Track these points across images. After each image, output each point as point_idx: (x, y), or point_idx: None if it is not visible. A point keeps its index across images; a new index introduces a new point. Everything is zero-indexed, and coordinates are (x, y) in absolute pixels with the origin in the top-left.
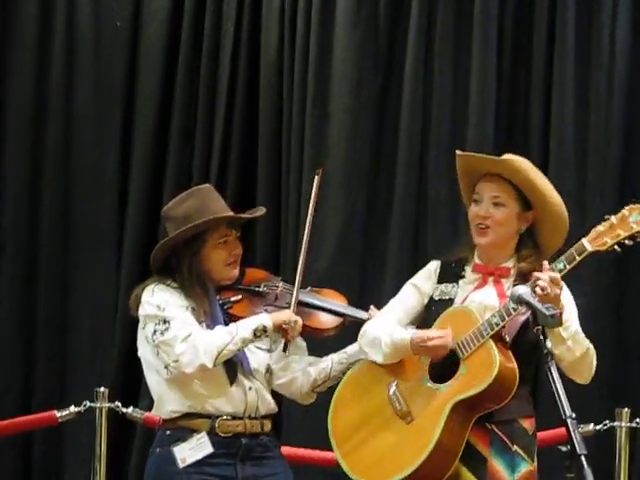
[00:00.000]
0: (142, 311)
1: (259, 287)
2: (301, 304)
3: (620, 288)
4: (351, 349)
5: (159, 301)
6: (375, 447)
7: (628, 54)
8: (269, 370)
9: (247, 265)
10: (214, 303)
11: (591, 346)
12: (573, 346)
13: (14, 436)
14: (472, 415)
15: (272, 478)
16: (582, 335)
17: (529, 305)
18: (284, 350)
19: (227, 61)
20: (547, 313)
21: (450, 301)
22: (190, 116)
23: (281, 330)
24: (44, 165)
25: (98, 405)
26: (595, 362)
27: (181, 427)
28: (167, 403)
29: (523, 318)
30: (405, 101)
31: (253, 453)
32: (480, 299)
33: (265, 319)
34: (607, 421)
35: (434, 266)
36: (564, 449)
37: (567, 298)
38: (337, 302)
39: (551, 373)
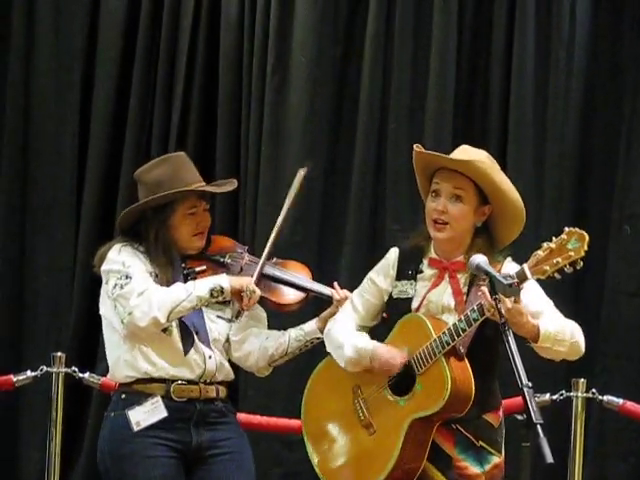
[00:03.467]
0: (106, 266)
1: (224, 258)
2: (265, 277)
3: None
4: (308, 326)
5: (125, 259)
6: (342, 454)
7: (588, 26)
8: (228, 340)
9: (213, 233)
10: (178, 273)
11: (573, 327)
12: (558, 347)
13: None
14: (432, 425)
15: (226, 442)
16: (561, 327)
17: (487, 274)
18: (235, 317)
19: (187, 27)
20: (504, 282)
21: (408, 300)
22: (150, 82)
23: (237, 297)
24: (2, 130)
25: (55, 370)
26: (581, 336)
27: (136, 391)
28: (123, 367)
29: (475, 328)
30: (365, 71)
31: (208, 418)
32: (436, 299)
33: (223, 280)
34: (563, 391)
35: (393, 257)
36: (520, 418)
37: (536, 292)
38: (301, 276)
39: (508, 343)
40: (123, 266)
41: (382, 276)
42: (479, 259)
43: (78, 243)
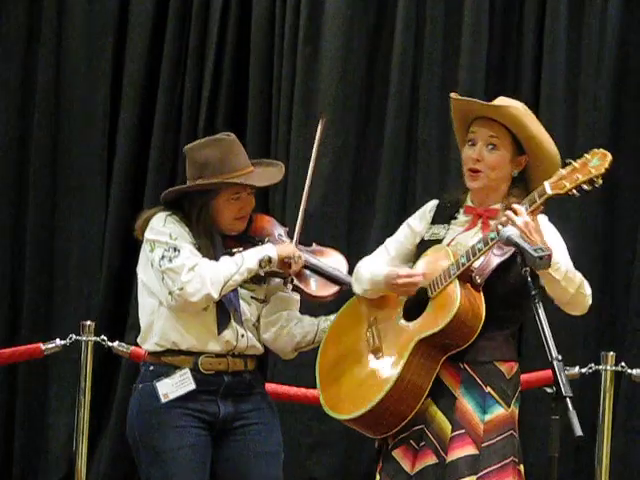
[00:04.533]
0: (151, 235)
1: (262, 242)
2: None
3: (607, 235)
4: None
5: (171, 230)
6: (348, 382)
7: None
8: (258, 320)
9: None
10: (219, 252)
11: (583, 279)
12: (566, 285)
13: None
14: (438, 354)
15: (254, 414)
16: (572, 270)
17: (517, 246)
18: (285, 284)
19: None
20: (535, 255)
21: (438, 242)
22: (182, 52)
23: (284, 264)
24: (35, 97)
25: (84, 338)
26: (590, 292)
27: (164, 363)
28: (154, 334)
29: (498, 260)
30: (397, 40)
31: (235, 390)
32: (465, 241)
33: (271, 250)
34: (592, 364)
35: (430, 206)
36: (550, 391)
37: (554, 236)
38: (338, 266)
39: (538, 315)
40: (170, 237)
41: (418, 219)
42: (510, 231)
43: (109, 211)
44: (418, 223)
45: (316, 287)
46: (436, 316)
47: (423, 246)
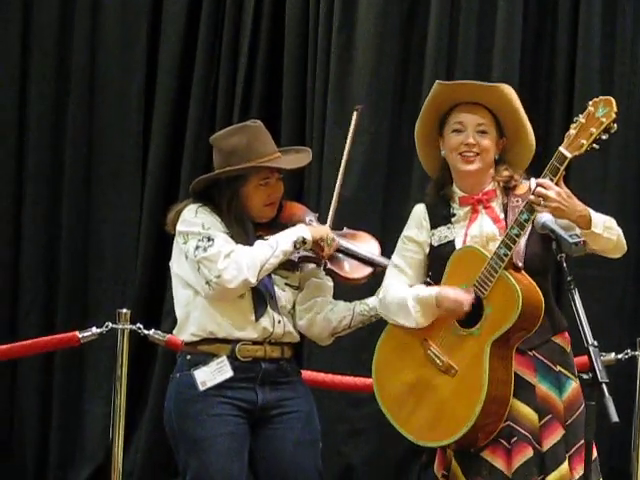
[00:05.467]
0: (183, 227)
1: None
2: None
3: None
4: (372, 301)
5: (203, 220)
6: (428, 409)
7: None
8: (294, 307)
9: (286, 197)
10: (252, 239)
11: (612, 219)
12: (609, 235)
13: (36, 357)
14: (510, 348)
15: (292, 401)
16: (605, 218)
17: (553, 232)
18: (319, 266)
19: None
20: (571, 241)
21: (450, 243)
22: (216, 41)
23: (318, 246)
24: (69, 89)
25: (120, 326)
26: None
27: (201, 352)
28: (190, 325)
29: (524, 239)
30: (431, 25)
31: (273, 378)
32: (478, 232)
33: (304, 231)
34: (628, 350)
35: (421, 210)
36: (586, 377)
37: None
38: (371, 249)
39: (574, 301)
40: (203, 228)
41: (416, 229)
42: (545, 217)
43: (144, 200)
44: (418, 232)
45: (350, 269)
46: (503, 312)
47: (435, 253)
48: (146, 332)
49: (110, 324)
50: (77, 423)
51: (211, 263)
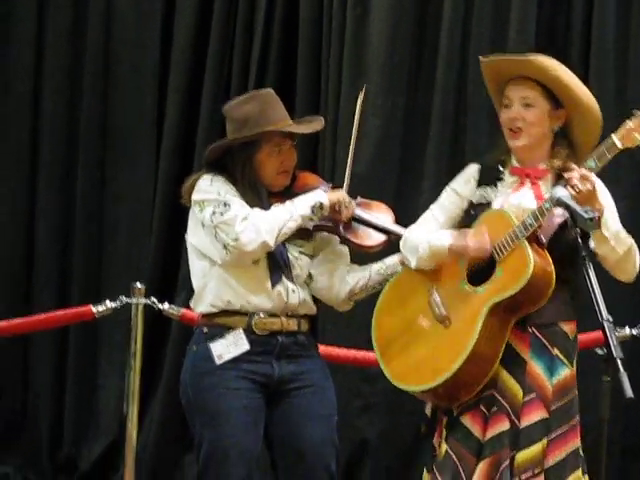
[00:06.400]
0: (199, 196)
1: None
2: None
3: None
4: (390, 260)
5: (219, 188)
6: (414, 353)
7: None
8: (310, 275)
9: (300, 169)
10: (267, 209)
11: (634, 243)
12: (616, 245)
13: (50, 332)
14: (509, 318)
15: (309, 375)
16: (624, 233)
17: (568, 208)
18: (334, 234)
19: None
20: (585, 216)
21: (488, 205)
22: (231, 14)
23: (335, 211)
24: (84, 62)
25: (134, 301)
26: (639, 259)
27: (218, 324)
28: (207, 295)
29: (560, 220)
30: (447, 1)
31: (289, 351)
32: (517, 202)
33: (322, 196)
34: None
35: (473, 169)
36: (600, 352)
37: (606, 198)
38: (384, 218)
39: (588, 276)
40: (219, 195)
41: (463, 183)
42: (560, 192)
43: (158, 173)
44: (464, 187)
45: (364, 237)
46: (510, 278)
47: (473, 209)
48: (160, 306)
49: (124, 298)
50: (91, 398)
51: (228, 227)
